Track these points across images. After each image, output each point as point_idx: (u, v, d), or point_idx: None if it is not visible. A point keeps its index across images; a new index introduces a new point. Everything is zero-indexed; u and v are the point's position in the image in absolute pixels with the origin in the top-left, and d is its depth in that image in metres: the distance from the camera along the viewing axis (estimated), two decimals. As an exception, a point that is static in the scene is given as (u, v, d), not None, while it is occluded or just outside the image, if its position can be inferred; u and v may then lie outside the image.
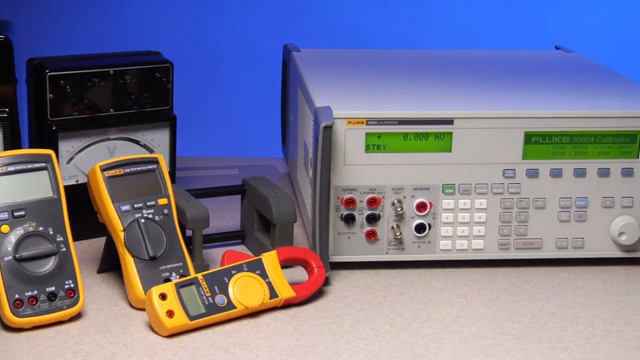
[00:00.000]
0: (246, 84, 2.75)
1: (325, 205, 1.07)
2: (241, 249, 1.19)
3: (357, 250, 1.12)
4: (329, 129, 1.05)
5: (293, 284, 1.04)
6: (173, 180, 1.24)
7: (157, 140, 1.23)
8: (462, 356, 0.94)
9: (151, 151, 1.22)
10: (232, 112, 2.78)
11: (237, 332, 0.97)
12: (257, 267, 1.02)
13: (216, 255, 1.15)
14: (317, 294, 1.06)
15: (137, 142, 1.21)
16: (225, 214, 1.30)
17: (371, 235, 1.12)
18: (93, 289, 1.05)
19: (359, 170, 1.10)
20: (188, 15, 2.83)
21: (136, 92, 1.19)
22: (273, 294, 1.01)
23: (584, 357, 0.94)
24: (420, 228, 1.12)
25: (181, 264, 1.03)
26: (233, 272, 1.00)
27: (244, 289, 1.00)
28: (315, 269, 1.05)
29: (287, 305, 1.03)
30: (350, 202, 1.10)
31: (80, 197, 1.10)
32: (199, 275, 0.99)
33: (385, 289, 1.08)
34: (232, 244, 1.20)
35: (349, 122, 1.09)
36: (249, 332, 0.97)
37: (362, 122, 1.09)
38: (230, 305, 0.98)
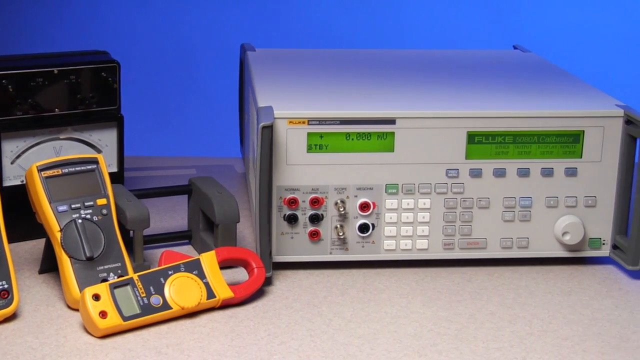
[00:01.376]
0: (216, 84, 2.74)
1: (265, 205, 1.07)
2: (188, 249, 1.19)
3: (301, 251, 1.12)
4: (267, 128, 1.05)
5: (234, 284, 1.04)
6: (121, 180, 1.24)
7: (105, 140, 1.22)
8: (395, 356, 0.94)
9: (99, 151, 1.22)
10: (201, 112, 2.78)
11: (172, 333, 0.97)
12: (194, 268, 1.02)
13: (162, 255, 1.15)
14: (258, 294, 1.06)
15: (84, 142, 1.21)
16: (176, 214, 1.30)
17: (314, 236, 1.12)
18: (32, 290, 1.05)
19: (301, 170, 1.10)
20: (162, 16, 2.83)
21: (82, 92, 1.19)
22: (210, 294, 1.01)
23: (516, 357, 0.94)
24: (363, 228, 1.12)
25: (119, 264, 1.03)
26: (170, 272, 1.00)
27: (181, 290, 0.99)
28: (255, 270, 1.05)
29: (226, 305, 1.03)
30: (292, 202, 1.10)
31: (25, 197, 1.10)
32: (135, 276, 0.99)
33: (327, 289, 1.08)
34: (180, 244, 1.20)
35: (290, 122, 1.08)
36: (184, 332, 0.97)
37: (304, 122, 1.09)
38: (165, 306, 0.98)
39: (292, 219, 1.11)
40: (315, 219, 1.11)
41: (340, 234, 1.11)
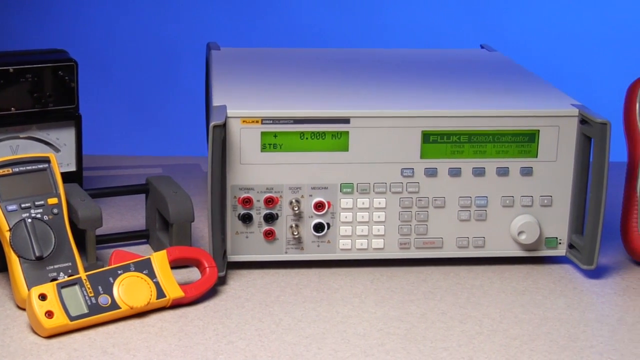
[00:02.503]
0: (195, 84, 2.74)
1: (217, 204, 1.06)
2: (146, 248, 1.19)
3: (256, 250, 1.12)
4: (219, 128, 1.04)
5: (187, 284, 1.04)
6: (80, 179, 1.24)
7: (63, 139, 1.22)
8: (342, 356, 0.93)
9: (57, 150, 1.22)
10: (177, 110, 2.78)
11: (120, 333, 0.96)
12: (145, 267, 1.01)
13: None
14: (210, 294, 1.05)
15: (42, 141, 1.21)
16: (137, 213, 1.29)
17: (269, 235, 1.11)
18: (-16, 289, 1.05)
19: (256, 169, 1.09)
20: (141, 19, 2.83)
21: (39, 91, 1.18)
22: (160, 294, 1.01)
23: (463, 357, 0.94)
24: (318, 227, 1.12)
25: (70, 264, 1.03)
26: (119, 272, 1.00)
27: (130, 289, 0.99)
28: (207, 269, 1.05)
29: (177, 305, 1.02)
30: (247, 202, 1.10)
31: (-20, 196, 1.10)
32: (83, 275, 0.98)
33: (281, 288, 1.08)
34: (137, 243, 1.20)
35: (243, 121, 1.08)
36: (132, 332, 0.97)
37: (257, 121, 1.08)
38: (114, 306, 0.98)
39: (246, 219, 1.11)
40: (270, 218, 1.11)
41: (295, 233, 1.11)
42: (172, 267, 1.09)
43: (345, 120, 1.09)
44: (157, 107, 2.80)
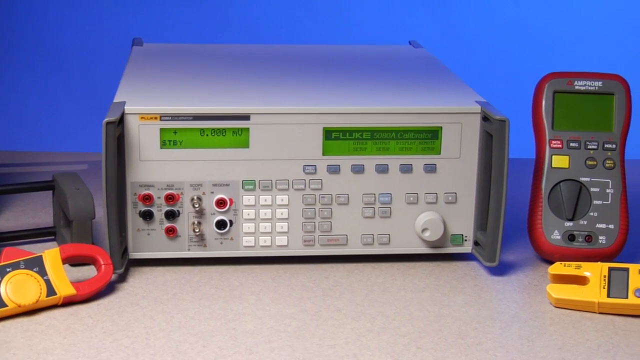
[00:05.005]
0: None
1: (112, 201, 1.05)
2: (52, 245, 1.18)
3: (158, 247, 1.11)
4: (112, 124, 1.04)
5: (80, 282, 1.03)
6: (-11, 177, 1.24)
7: (-29, 136, 1.21)
8: (226, 354, 0.93)
9: (-35, 147, 1.21)
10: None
11: (5, 331, 0.96)
12: (35, 265, 1.01)
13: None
14: (107, 291, 1.05)
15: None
16: (51, 210, 1.28)
17: (171, 232, 1.11)
18: None
19: (155, 166, 1.09)
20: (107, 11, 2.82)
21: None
22: (51, 291, 1.00)
23: (347, 354, 0.93)
24: (221, 224, 1.11)
25: (-38, 261, 1.02)
26: (8, 269, 0.99)
27: (18, 287, 0.98)
28: (103, 266, 1.04)
29: (70, 302, 1.02)
30: (147, 199, 1.09)
31: None
32: (-30, 273, 0.98)
33: (180, 285, 1.07)
34: (45, 240, 1.19)
35: (142, 118, 1.07)
36: (17, 330, 0.96)
37: (156, 118, 1.08)
38: (0, 304, 0.97)
39: (147, 216, 1.10)
40: (171, 215, 1.10)
41: (197, 230, 1.10)
42: (73, 265, 1.09)
43: (246, 117, 1.09)
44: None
